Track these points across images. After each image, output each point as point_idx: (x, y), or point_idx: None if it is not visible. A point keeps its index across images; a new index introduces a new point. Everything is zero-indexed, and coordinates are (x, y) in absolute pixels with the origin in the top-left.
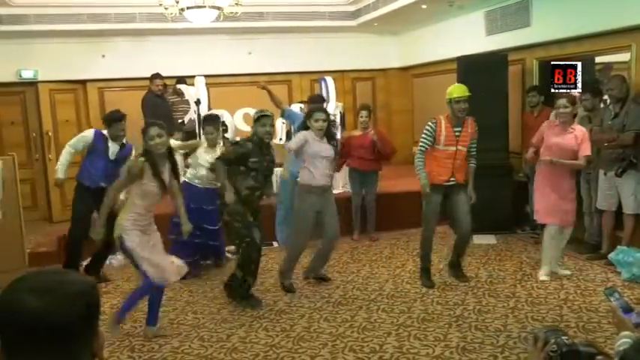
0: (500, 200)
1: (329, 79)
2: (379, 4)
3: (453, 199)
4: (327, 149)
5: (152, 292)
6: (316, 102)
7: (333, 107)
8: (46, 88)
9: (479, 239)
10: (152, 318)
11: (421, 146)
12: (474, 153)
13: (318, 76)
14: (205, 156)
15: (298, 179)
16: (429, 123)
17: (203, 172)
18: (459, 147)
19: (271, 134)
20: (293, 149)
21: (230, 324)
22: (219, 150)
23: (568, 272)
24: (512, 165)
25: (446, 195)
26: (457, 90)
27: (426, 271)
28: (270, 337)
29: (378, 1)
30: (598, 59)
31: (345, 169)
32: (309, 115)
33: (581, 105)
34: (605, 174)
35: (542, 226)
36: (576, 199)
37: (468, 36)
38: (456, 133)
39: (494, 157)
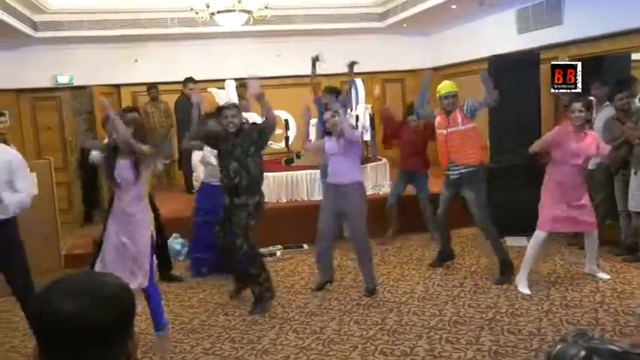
0: (532, 201)
1: (358, 81)
2: (408, 5)
3: (465, 198)
4: (332, 147)
5: None
6: (330, 93)
7: (363, 109)
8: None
9: (511, 241)
10: None
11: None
12: (481, 100)
13: (347, 78)
14: (213, 152)
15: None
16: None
17: (212, 169)
18: (450, 129)
19: (235, 124)
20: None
21: (261, 326)
22: None
23: (607, 276)
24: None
25: (457, 192)
26: (445, 86)
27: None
28: (300, 340)
29: (406, 2)
30: (634, 56)
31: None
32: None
33: (614, 104)
34: (635, 173)
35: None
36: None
37: (499, 35)
38: (448, 120)
39: (526, 158)
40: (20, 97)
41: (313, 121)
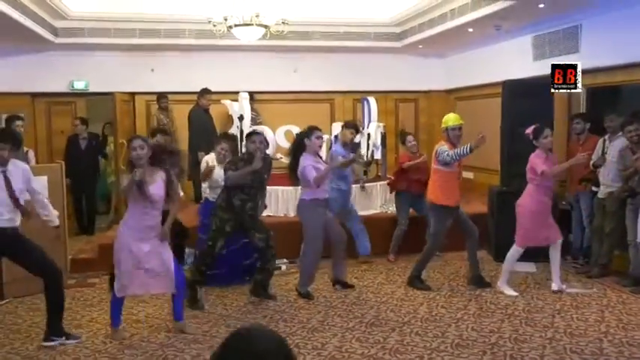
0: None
1: (371, 100)
2: (425, 26)
3: (459, 217)
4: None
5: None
6: (349, 127)
7: (375, 127)
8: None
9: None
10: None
11: (444, 153)
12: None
13: (360, 95)
14: (221, 173)
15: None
16: (445, 147)
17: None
18: (459, 168)
19: (262, 150)
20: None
21: None
22: None
23: (576, 290)
24: (555, 193)
25: (454, 217)
26: (453, 119)
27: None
28: (301, 355)
29: (423, 23)
30: None
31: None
32: (308, 135)
33: (625, 136)
34: None
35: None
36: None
37: (514, 60)
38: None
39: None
40: (36, 101)
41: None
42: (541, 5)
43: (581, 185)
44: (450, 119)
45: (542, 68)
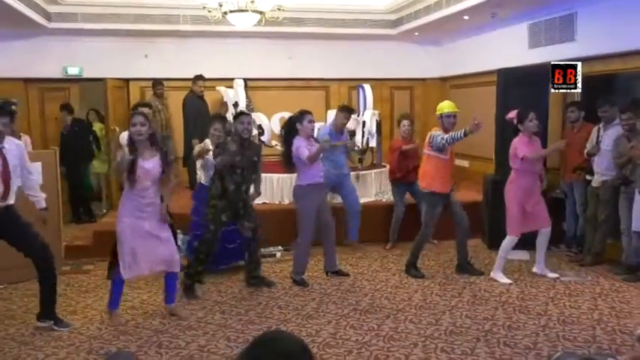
0: None
1: (367, 87)
2: (420, 13)
3: (451, 204)
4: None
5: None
6: (342, 111)
7: (370, 115)
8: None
9: (512, 255)
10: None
11: (438, 137)
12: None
13: (356, 83)
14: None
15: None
16: (439, 132)
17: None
18: (451, 156)
19: (249, 131)
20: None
21: (257, 325)
22: None
23: (556, 275)
24: (549, 181)
25: (445, 204)
26: (447, 106)
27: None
28: None
29: (419, 10)
30: None
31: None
32: (300, 120)
33: (622, 124)
34: None
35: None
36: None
37: (509, 48)
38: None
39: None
40: (29, 86)
41: (319, 124)
42: None
43: (575, 174)
44: (445, 106)
45: (538, 56)
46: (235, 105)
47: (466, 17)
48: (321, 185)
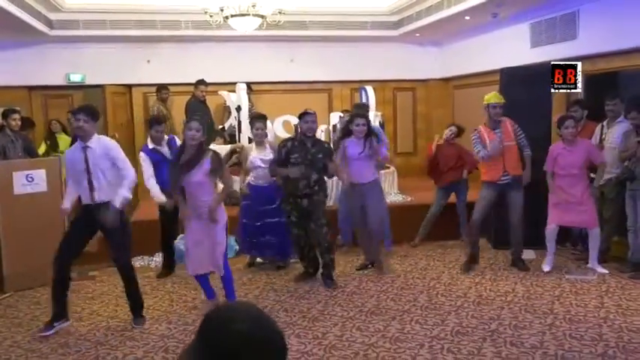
0: (541, 215)
1: (369, 89)
2: (422, 14)
3: (508, 198)
4: (356, 151)
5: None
6: (360, 108)
7: (372, 117)
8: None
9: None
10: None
11: (478, 150)
12: (525, 142)
13: (358, 85)
14: (258, 155)
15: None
16: (474, 134)
17: (261, 172)
18: (506, 143)
19: (314, 130)
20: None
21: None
22: (268, 147)
23: (606, 271)
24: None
25: (501, 194)
26: (494, 97)
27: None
28: (302, 344)
29: (420, 11)
30: None
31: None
32: (350, 121)
33: (630, 122)
34: None
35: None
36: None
37: (511, 48)
38: (498, 134)
39: (536, 172)
40: (32, 94)
41: (323, 127)
42: None
43: None
44: (491, 97)
45: (540, 55)
46: (238, 109)
47: (467, 17)
48: (358, 185)
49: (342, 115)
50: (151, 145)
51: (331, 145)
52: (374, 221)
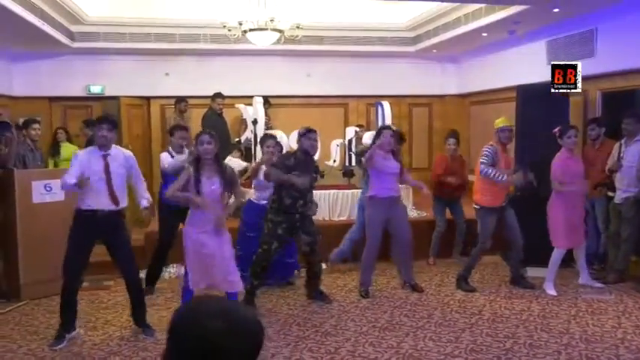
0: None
1: (385, 104)
2: (439, 30)
3: (504, 218)
4: (392, 166)
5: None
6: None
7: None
8: (123, 103)
9: (533, 272)
10: None
11: (484, 163)
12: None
13: (374, 100)
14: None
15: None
16: (489, 148)
17: (268, 193)
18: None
19: (315, 148)
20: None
21: (275, 342)
22: None
23: (601, 285)
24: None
25: (499, 217)
26: (502, 120)
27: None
28: (314, 359)
29: (437, 27)
30: None
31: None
32: (378, 133)
33: None
34: None
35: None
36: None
37: (528, 65)
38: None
39: (545, 188)
40: (53, 104)
41: (338, 141)
42: (555, 10)
43: (596, 190)
44: (500, 121)
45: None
46: (254, 122)
47: (484, 34)
48: (386, 199)
49: (357, 129)
50: (173, 153)
51: (346, 161)
52: (407, 231)
